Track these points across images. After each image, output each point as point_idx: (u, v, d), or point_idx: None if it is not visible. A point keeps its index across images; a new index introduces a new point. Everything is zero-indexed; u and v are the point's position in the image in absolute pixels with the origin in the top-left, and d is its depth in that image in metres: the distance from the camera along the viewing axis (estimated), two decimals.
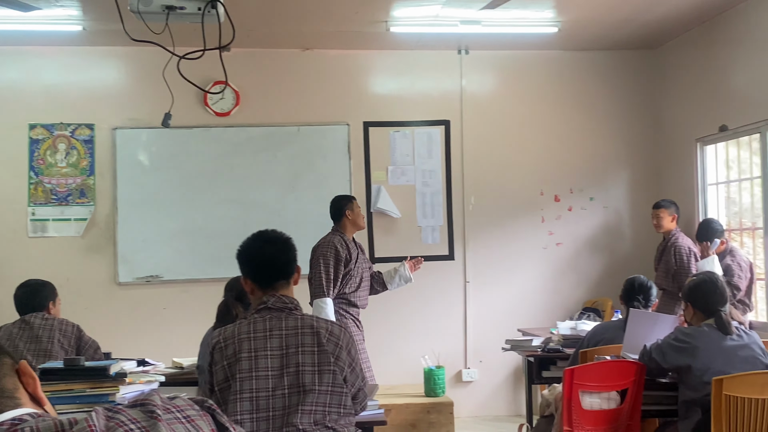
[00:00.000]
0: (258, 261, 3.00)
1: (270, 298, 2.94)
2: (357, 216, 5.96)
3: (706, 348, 4.03)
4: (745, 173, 6.77)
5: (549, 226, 7.81)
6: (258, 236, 3.06)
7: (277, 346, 2.84)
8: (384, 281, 6.17)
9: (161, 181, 7.30)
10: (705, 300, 4.19)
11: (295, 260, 3.05)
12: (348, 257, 5.77)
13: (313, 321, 2.91)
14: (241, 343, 2.84)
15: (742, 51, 6.52)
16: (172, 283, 7.26)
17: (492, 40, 7.40)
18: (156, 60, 4.64)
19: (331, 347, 2.86)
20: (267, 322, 2.88)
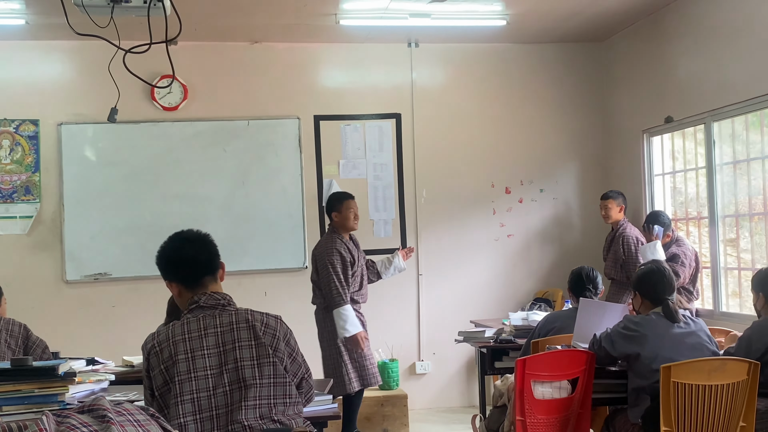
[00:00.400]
0: (180, 261, 2.95)
1: (201, 297, 2.90)
2: (344, 219, 5.92)
3: (654, 336, 4.11)
4: (690, 164, 6.89)
5: (500, 218, 7.88)
6: (175, 237, 3.02)
7: (213, 344, 2.81)
8: (378, 271, 6.28)
9: (108, 177, 7.20)
10: (653, 289, 4.27)
11: (218, 256, 3.03)
12: (351, 259, 5.87)
13: (247, 315, 2.88)
14: (177, 345, 2.80)
15: (686, 43, 6.63)
16: (121, 281, 7.17)
17: (441, 33, 7.42)
18: (101, 54, 4.56)
19: (268, 339, 2.84)
20: (201, 321, 2.85)
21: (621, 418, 4.26)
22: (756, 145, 6.04)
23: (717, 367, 3.89)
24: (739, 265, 6.29)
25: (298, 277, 7.43)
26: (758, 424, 3.99)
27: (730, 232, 6.39)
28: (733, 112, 6.12)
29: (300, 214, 7.44)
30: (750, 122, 6.10)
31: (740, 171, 6.22)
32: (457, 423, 6.93)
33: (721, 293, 6.40)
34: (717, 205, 6.39)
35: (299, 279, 7.43)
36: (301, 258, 7.43)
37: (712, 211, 6.43)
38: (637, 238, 6.73)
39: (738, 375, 3.89)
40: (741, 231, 6.29)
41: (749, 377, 3.90)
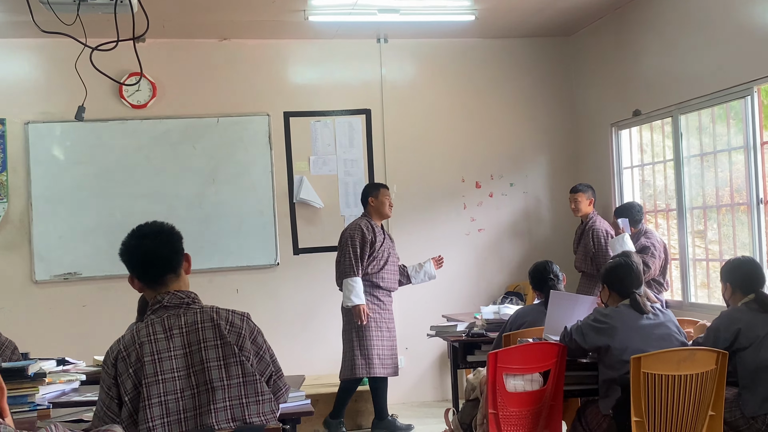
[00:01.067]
0: (139, 258, 2.84)
1: (164, 296, 2.81)
2: (381, 204, 6.37)
3: (623, 328, 4.15)
4: (658, 156, 6.96)
5: (471, 213, 7.91)
6: (136, 232, 2.90)
7: (179, 345, 2.73)
8: (409, 274, 6.58)
9: (77, 175, 7.13)
10: (620, 282, 4.32)
11: (181, 250, 2.89)
12: (373, 239, 6.22)
13: (212, 313, 2.79)
14: (143, 347, 2.71)
15: (653, 37, 6.69)
16: (92, 280, 7.11)
17: (410, 29, 7.43)
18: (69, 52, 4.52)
19: (233, 338, 2.76)
20: (165, 321, 2.76)
21: (592, 410, 4.30)
22: (722, 138, 6.11)
23: (686, 357, 3.93)
24: (707, 256, 6.37)
25: (269, 274, 7.42)
26: (727, 412, 4.05)
27: (698, 223, 6.47)
28: (699, 105, 6.18)
29: (271, 211, 7.42)
30: (716, 115, 6.17)
31: (707, 163, 6.30)
32: (431, 417, 6.95)
33: (690, 284, 6.48)
34: (685, 197, 6.46)
35: (271, 276, 7.43)
36: (273, 255, 7.41)
37: (680, 203, 6.50)
38: (607, 231, 6.79)
39: (707, 365, 3.94)
40: (709, 222, 6.37)
41: (717, 366, 3.95)
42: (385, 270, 6.33)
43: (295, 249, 7.55)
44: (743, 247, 5.88)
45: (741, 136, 5.85)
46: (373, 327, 6.22)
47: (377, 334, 6.23)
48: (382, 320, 6.30)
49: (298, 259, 7.55)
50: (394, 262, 6.45)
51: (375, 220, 6.38)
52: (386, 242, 6.38)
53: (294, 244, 7.54)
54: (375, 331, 6.23)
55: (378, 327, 6.24)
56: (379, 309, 6.29)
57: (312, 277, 7.56)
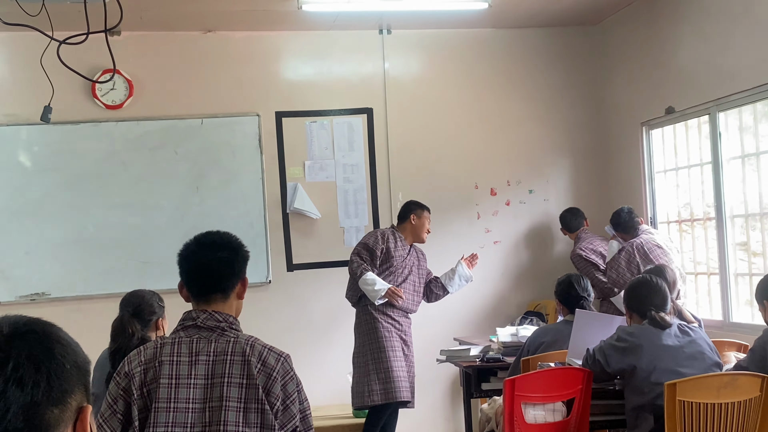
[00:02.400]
0: (191, 268, 2.89)
1: (201, 314, 2.81)
2: (421, 226, 6.50)
3: (649, 346, 4.16)
4: (694, 159, 6.96)
5: (485, 223, 7.91)
6: (200, 238, 2.94)
7: (202, 374, 2.70)
8: (443, 284, 6.62)
9: (45, 184, 7.15)
10: (637, 302, 4.36)
11: (241, 272, 2.93)
12: (390, 250, 6.29)
13: (246, 346, 2.75)
14: (162, 366, 2.70)
15: (689, 26, 6.70)
16: (62, 301, 7.12)
17: (416, 18, 7.45)
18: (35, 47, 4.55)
19: (262, 380, 2.71)
20: (194, 344, 2.75)
21: None
22: (766, 137, 6.11)
23: (727, 383, 3.93)
24: (751, 270, 6.36)
25: (260, 293, 7.42)
26: None
27: (740, 234, 6.46)
28: (740, 101, 6.19)
29: (262, 223, 7.43)
30: (759, 112, 6.17)
31: (750, 166, 6.29)
32: None
33: (731, 302, 6.46)
34: (725, 204, 6.45)
35: (262, 295, 7.43)
36: (264, 272, 7.42)
37: (719, 210, 6.49)
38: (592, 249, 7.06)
39: (750, 391, 3.94)
40: (752, 233, 6.36)
41: (762, 393, 3.94)
42: (403, 287, 6.35)
43: (289, 265, 7.55)
44: None
45: None
46: (389, 348, 6.22)
47: (393, 355, 6.22)
48: (399, 341, 6.29)
49: (292, 276, 7.56)
50: (417, 282, 6.47)
51: (406, 237, 6.46)
52: (410, 259, 6.44)
53: (288, 259, 7.55)
54: (391, 352, 6.21)
55: (393, 348, 6.23)
56: (395, 330, 6.28)
57: (308, 296, 7.57)
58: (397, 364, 6.18)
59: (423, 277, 6.54)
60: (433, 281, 6.63)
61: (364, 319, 6.33)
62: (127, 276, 6.91)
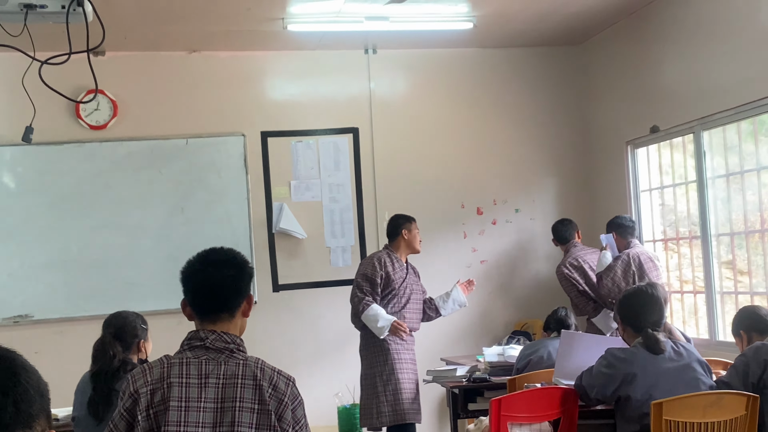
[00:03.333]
0: (196, 286, 2.83)
1: (209, 335, 2.75)
2: (414, 238, 6.45)
3: (643, 374, 4.09)
4: (679, 178, 6.99)
5: (472, 242, 7.92)
6: (203, 255, 2.87)
7: (212, 398, 2.65)
8: (437, 306, 6.59)
9: (29, 205, 7.12)
10: (633, 314, 4.28)
11: (246, 290, 2.88)
12: (390, 274, 6.24)
13: (256, 370, 2.72)
14: (171, 388, 2.64)
15: (672, 45, 6.74)
16: (45, 323, 7.07)
17: (402, 38, 7.48)
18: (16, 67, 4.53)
19: (273, 404, 2.68)
20: (203, 366, 2.69)
21: None
22: (750, 156, 6.14)
23: (713, 402, 3.93)
24: (736, 288, 6.37)
25: None
26: None
27: (726, 252, 6.48)
28: (724, 119, 6.22)
29: (247, 243, 7.41)
30: (743, 131, 6.20)
31: (734, 184, 6.32)
32: None
33: (718, 320, 6.47)
34: (710, 222, 6.48)
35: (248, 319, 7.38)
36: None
37: (704, 229, 6.51)
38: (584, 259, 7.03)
39: (736, 410, 3.94)
40: (738, 251, 6.38)
41: (748, 412, 3.94)
42: (407, 309, 6.33)
43: (275, 285, 7.53)
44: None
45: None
46: (398, 370, 6.19)
47: (404, 377, 6.19)
48: (408, 361, 6.27)
49: (278, 297, 7.54)
50: (418, 300, 6.44)
51: (400, 254, 6.41)
52: (409, 278, 6.40)
53: (273, 279, 7.53)
54: (401, 374, 6.19)
55: (403, 369, 6.21)
56: (403, 350, 6.25)
57: (294, 317, 7.54)
58: (407, 386, 6.16)
59: (421, 294, 6.52)
60: (427, 302, 6.61)
61: (372, 341, 6.27)
62: (111, 297, 6.87)
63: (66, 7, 3.38)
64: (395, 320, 6.17)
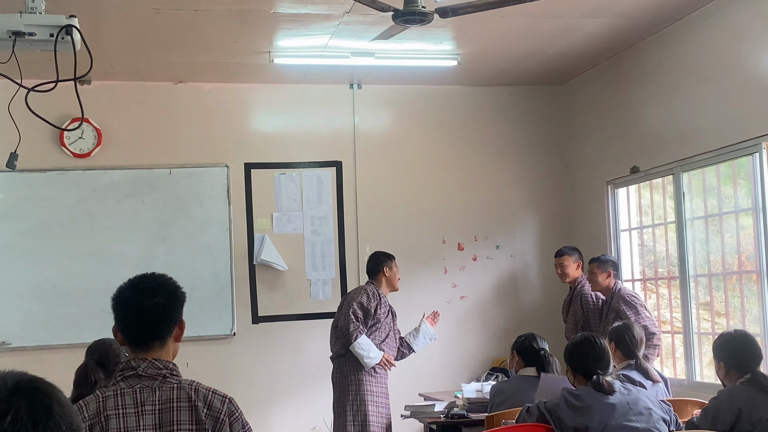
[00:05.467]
0: (126, 315, 2.79)
1: (141, 363, 2.73)
2: (393, 276, 6.53)
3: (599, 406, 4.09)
4: (659, 218, 7.02)
5: (452, 278, 7.91)
6: (134, 282, 2.83)
7: (150, 424, 2.65)
8: (408, 344, 6.65)
9: (9, 232, 7.07)
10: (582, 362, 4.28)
11: (177, 317, 2.85)
12: (377, 308, 6.30)
13: (190, 391, 2.72)
14: (109, 420, 2.63)
15: (653, 87, 6.81)
16: (22, 351, 6.99)
17: (387, 74, 7.51)
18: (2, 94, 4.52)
19: (210, 423, 2.68)
20: (138, 395, 2.69)
21: None
22: (729, 199, 6.18)
23: None
24: (714, 329, 6.39)
25: (224, 345, 7.34)
26: None
27: (704, 293, 6.50)
28: (703, 162, 6.27)
29: (228, 274, 7.38)
30: (722, 173, 6.25)
31: (713, 227, 6.36)
32: None
33: (695, 361, 6.48)
34: (689, 263, 6.50)
35: (226, 348, 7.35)
36: (228, 324, 7.35)
37: (683, 270, 6.53)
38: (596, 295, 6.80)
39: None
40: (715, 293, 6.40)
41: None
42: (385, 344, 6.38)
43: (255, 317, 7.49)
44: (754, 320, 5.91)
45: (749, 198, 5.92)
46: (369, 401, 6.23)
47: (374, 410, 6.24)
48: (380, 394, 6.32)
49: (258, 329, 7.49)
50: (394, 338, 6.51)
51: (383, 291, 6.45)
52: (390, 316, 6.47)
53: (253, 311, 7.49)
54: (371, 406, 6.23)
55: (374, 402, 6.26)
56: (376, 382, 6.30)
57: (273, 349, 7.50)
58: (375, 419, 6.20)
59: (397, 332, 6.58)
60: (399, 341, 6.63)
61: (347, 369, 6.30)
62: (90, 326, 6.77)
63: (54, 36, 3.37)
64: (385, 354, 6.25)
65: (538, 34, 6.66)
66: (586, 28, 6.55)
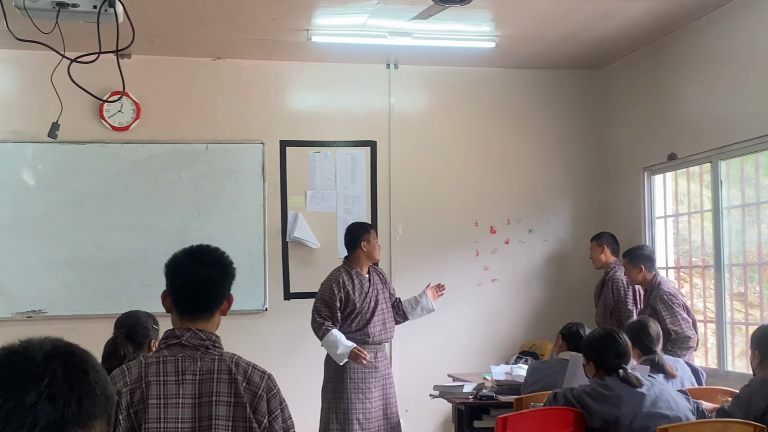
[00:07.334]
0: (181, 283, 2.85)
1: (185, 333, 2.80)
2: (373, 248, 6.28)
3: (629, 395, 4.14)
4: (695, 207, 6.97)
5: (484, 261, 7.91)
6: (191, 252, 2.89)
7: (189, 394, 2.71)
8: (404, 311, 6.46)
9: (48, 202, 7.16)
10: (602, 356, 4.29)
11: (227, 291, 2.91)
12: (350, 293, 6.08)
13: (231, 364, 2.77)
14: (149, 387, 2.69)
15: (693, 74, 6.74)
16: (58, 320, 7.09)
17: (424, 54, 7.50)
18: (43, 65, 4.57)
19: (248, 397, 2.73)
20: (179, 363, 2.75)
21: None
22: (766, 188, 6.12)
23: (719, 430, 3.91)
24: (747, 320, 6.34)
25: (256, 320, 7.40)
26: None
27: (738, 284, 6.45)
28: (742, 150, 6.21)
29: (261, 250, 7.43)
30: (761, 163, 6.19)
31: (750, 216, 6.30)
32: None
33: (727, 351, 6.44)
34: (724, 253, 6.44)
35: (258, 323, 7.41)
36: (261, 299, 7.41)
37: (718, 259, 6.48)
38: (628, 282, 6.78)
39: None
40: (750, 283, 6.35)
41: None
42: (373, 323, 6.15)
43: (286, 293, 7.54)
44: None
45: None
46: (351, 389, 6.06)
47: (357, 397, 6.06)
48: (368, 380, 6.11)
49: (288, 305, 7.54)
50: (385, 309, 6.27)
51: (361, 267, 6.23)
52: (372, 289, 6.21)
53: (285, 287, 7.53)
54: (354, 393, 6.05)
55: (357, 389, 6.07)
56: (363, 369, 6.08)
57: (304, 325, 7.48)
58: (359, 406, 6.02)
59: (387, 302, 6.34)
60: (395, 307, 6.45)
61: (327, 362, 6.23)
62: (124, 297, 6.86)
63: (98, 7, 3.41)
64: (355, 347, 5.98)
65: (578, 17, 6.61)
66: (627, 12, 6.50)
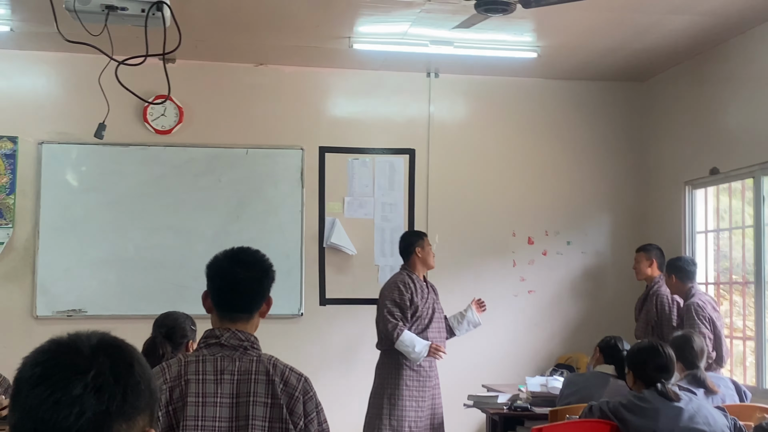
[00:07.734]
0: (221, 284, 2.90)
1: (224, 333, 2.83)
2: (427, 254, 6.32)
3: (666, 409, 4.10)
4: (736, 222, 6.91)
5: (521, 272, 7.88)
6: (233, 254, 2.94)
7: (227, 393, 2.74)
8: (451, 327, 6.48)
9: (90, 203, 7.25)
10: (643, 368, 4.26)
11: (267, 294, 2.94)
12: (413, 297, 6.13)
13: (269, 366, 2.79)
14: (188, 384, 2.72)
15: (736, 88, 6.69)
16: (97, 319, 7.16)
17: (465, 64, 7.50)
18: (91, 68, 4.63)
19: (285, 399, 2.75)
20: (218, 362, 2.78)
21: None
22: None
23: None
24: None
25: (292, 325, 7.43)
26: None
27: None
28: None
29: (298, 255, 7.46)
30: None
31: None
32: None
33: (766, 368, 6.37)
34: (765, 270, 6.37)
35: (293, 327, 7.44)
36: (297, 304, 7.44)
37: (759, 276, 6.41)
38: (673, 297, 6.72)
39: None
40: None
41: None
42: (430, 329, 6.20)
43: (322, 299, 7.57)
44: None
45: None
46: (406, 396, 6.09)
47: (411, 404, 6.09)
48: (422, 388, 6.15)
49: (324, 311, 7.57)
50: (440, 318, 6.33)
51: (418, 273, 6.29)
52: (430, 296, 6.29)
53: (321, 293, 7.56)
54: (409, 401, 6.09)
55: (412, 397, 6.11)
56: (418, 377, 6.13)
57: (339, 331, 7.57)
58: (412, 414, 6.05)
59: (441, 312, 6.39)
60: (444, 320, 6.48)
61: (389, 361, 6.18)
62: (163, 298, 6.91)
63: (146, 11, 3.46)
64: (433, 343, 6.06)
65: (622, 29, 6.59)
66: (671, 25, 6.46)
